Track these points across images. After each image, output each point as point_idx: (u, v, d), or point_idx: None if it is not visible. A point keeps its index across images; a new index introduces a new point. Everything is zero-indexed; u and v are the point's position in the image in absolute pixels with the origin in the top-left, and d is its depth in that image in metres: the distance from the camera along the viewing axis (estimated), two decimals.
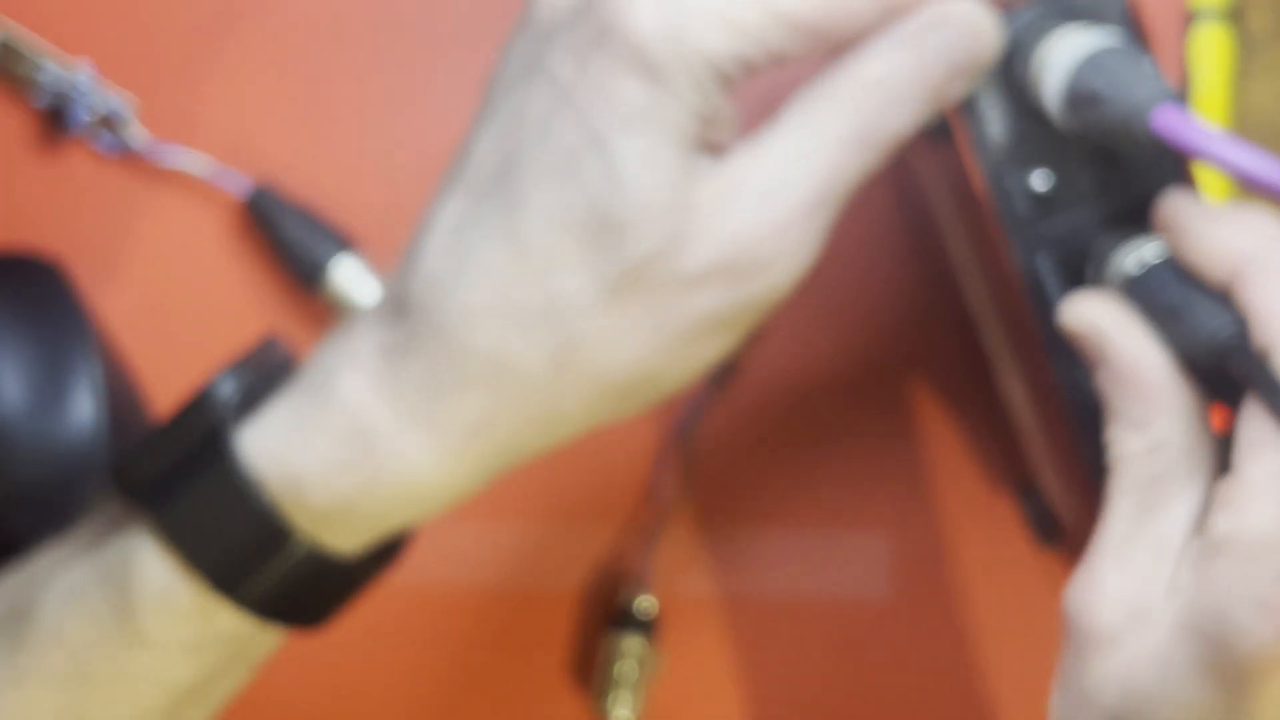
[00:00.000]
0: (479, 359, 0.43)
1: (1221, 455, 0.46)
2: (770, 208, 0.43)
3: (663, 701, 0.62)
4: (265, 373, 0.46)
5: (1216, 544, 0.43)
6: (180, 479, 0.44)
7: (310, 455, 0.44)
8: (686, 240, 0.43)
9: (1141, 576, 0.45)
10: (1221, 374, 0.45)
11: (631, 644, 0.61)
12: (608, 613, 0.62)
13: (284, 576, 0.45)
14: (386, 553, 0.47)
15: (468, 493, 0.45)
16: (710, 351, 0.44)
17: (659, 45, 0.42)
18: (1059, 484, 0.56)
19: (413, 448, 0.44)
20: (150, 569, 0.45)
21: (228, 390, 0.45)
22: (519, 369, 0.43)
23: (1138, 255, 0.47)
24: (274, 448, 0.44)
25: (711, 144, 0.44)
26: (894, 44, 0.43)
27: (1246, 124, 0.61)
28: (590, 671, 0.63)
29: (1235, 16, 0.61)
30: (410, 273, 0.44)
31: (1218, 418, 0.46)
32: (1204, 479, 0.45)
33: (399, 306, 0.44)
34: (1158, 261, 0.47)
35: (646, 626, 0.62)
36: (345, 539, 0.45)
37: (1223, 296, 0.45)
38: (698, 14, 0.42)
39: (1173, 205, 0.47)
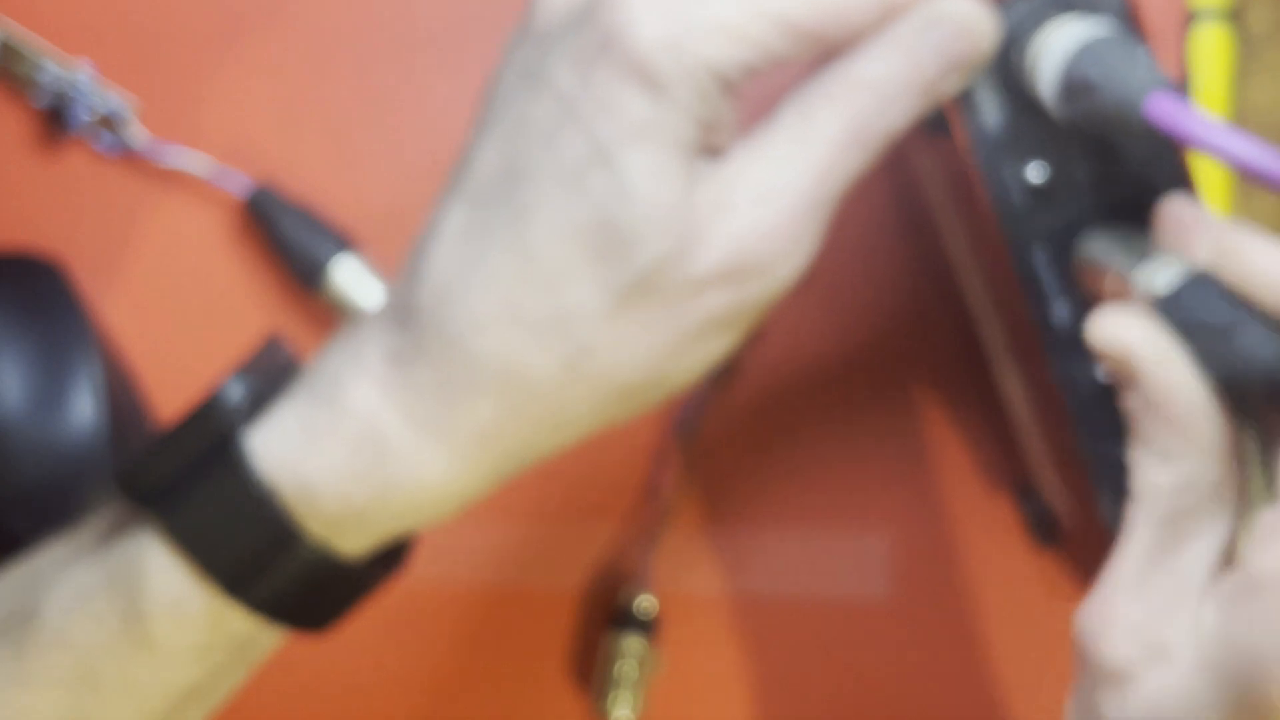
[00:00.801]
0: (489, 367, 0.43)
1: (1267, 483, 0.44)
2: (769, 210, 0.43)
3: (663, 701, 0.62)
4: (270, 375, 0.46)
5: (1255, 581, 0.42)
6: (190, 485, 0.44)
7: (322, 462, 0.44)
8: (691, 246, 0.43)
9: (1160, 611, 0.44)
10: (1257, 396, 0.43)
11: (631, 644, 0.61)
12: (608, 613, 0.62)
13: (293, 579, 0.45)
14: (392, 556, 0.47)
15: (478, 496, 0.45)
16: (714, 350, 0.44)
17: (660, 55, 0.42)
18: (1058, 483, 0.56)
19: (425, 455, 0.44)
20: (160, 574, 0.45)
21: (236, 395, 0.44)
22: (529, 376, 0.43)
23: (1169, 271, 0.45)
24: (285, 454, 0.44)
25: (712, 146, 0.44)
26: (888, 44, 0.43)
27: (1246, 124, 0.61)
28: (590, 671, 0.62)
29: (1235, 16, 0.61)
30: (416, 280, 0.44)
31: None
32: (1230, 514, 0.44)
33: (405, 313, 0.44)
34: (1191, 278, 0.45)
35: (646, 626, 0.61)
36: (354, 542, 0.45)
37: (1273, 320, 0.43)
38: (698, 22, 0.42)
39: (1218, 226, 0.45)
